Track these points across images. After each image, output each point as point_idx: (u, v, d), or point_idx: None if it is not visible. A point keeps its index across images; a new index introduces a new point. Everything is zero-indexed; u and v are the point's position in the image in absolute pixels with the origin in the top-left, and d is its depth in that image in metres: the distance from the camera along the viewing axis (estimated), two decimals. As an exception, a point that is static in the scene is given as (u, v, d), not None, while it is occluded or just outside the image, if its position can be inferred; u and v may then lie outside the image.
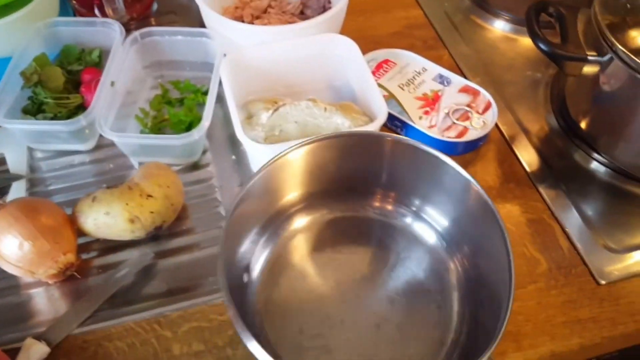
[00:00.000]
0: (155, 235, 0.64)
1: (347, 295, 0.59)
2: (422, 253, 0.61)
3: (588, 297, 0.60)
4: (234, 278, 0.53)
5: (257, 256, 0.60)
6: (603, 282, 0.61)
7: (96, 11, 0.85)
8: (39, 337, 0.56)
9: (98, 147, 0.73)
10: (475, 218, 0.56)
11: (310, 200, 0.63)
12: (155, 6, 0.89)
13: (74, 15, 0.87)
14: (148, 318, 0.59)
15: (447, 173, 0.56)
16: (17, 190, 0.68)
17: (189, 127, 0.72)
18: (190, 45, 0.77)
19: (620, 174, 0.70)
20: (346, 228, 0.63)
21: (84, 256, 0.64)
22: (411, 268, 0.60)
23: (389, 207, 0.63)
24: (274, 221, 0.62)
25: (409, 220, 0.63)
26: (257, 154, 0.66)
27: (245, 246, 0.59)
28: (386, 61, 0.78)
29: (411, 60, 0.78)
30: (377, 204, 0.64)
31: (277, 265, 0.61)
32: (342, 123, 0.66)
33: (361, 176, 0.61)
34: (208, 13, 0.74)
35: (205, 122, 0.66)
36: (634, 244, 0.65)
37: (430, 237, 0.62)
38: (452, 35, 0.86)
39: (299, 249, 0.62)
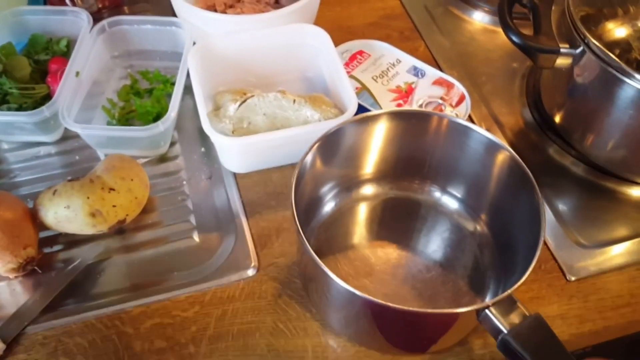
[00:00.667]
0: (120, 229, 0.63)
1: (390, 260, 0.60)
2: (451, 224, 0.62)
3: (557, 293, 0.60)
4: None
5: (323, 206, 0.63)
6: (573, 278, 0.60)
7: (67, 0, 0.83)
8: (-7, 333, 0.55)
9: (64, 138, 0.72)
10: (503, 183, 0.57)
11: (376, 175, 0.64)
12: (127, -6, 0.88)
13: (44, 3, 0.85)
14: (109, 314, 0.58)
15: (474, 140, 0.57)
16: (-20, 182, 0.67)
17: (157, 118, 0.70)
18: (160, 35, 0.76)
19: (595, 168, 0.69)
20: (398, 204, 0.64)
21: (47, 250, 0.63)
22: (443, 238, 0.62)
23: (426, 184, 0.64)
24: (345, 182, 0.64)
25: (438, 194, 0.64)
26: (224, 147, 0.65)
27: (316, 193, 0.61)
28: (360, 52, 0.77)
29: (386, 52, 0.77)
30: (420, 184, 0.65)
31: (338, 218, 0.63)
32: (312, 115, 0.64)
33: (412, 157, 0.62)
34: (177, 1, 0.72)
35: (172, 113, 0.65)
36: (605, 239, 0.64)
37: (456, 208, 0.63)
38: (429, 26, 0.85)
39: (359, 213, 0.64)
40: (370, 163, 0.63)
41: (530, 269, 0.46)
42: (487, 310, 0.45)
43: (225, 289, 0.59)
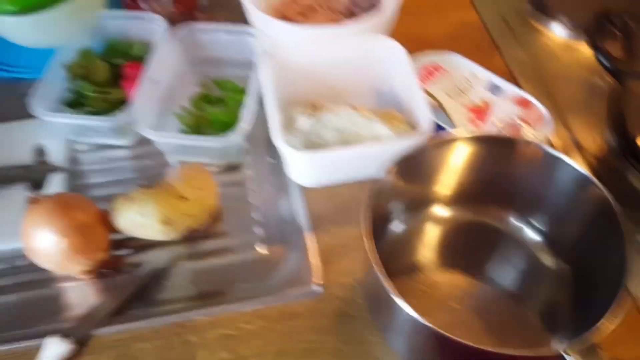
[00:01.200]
0: (189, 237, 0.64)
1: (459, 287, 0.58)
2: (529, 256, 0.60)
3: (635, 335, 0.56)
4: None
5: (391, 225, 0.61)
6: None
7: (143, 5, 0.84)
8: (64, 334, 0.56)
9: (138, 142, 0.73)
10: (589, 220, 0.54)
11: (452, 197, 0.63)
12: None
13: (121, 8, 0.87)
14: (175, 321, 0.58)
15: (563, 172, 0.55)
16: (56, 183, 0.69)
17: (228, 127, 0.71)
18: (233, 43, 0.76)
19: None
20: (472, 230, 0.63)
21: (119, 253, 0.64)
22: (518, 269, 0.60)
23: (505, 212, 0.62)
24: (417, 202, 0.63)
25: (517, 224, 0.62)
26: (295, 160, 0.64)
27: (386, 210, 0.60)
28: (435, 65, 0.75)
29: (461, 65, 0.75)
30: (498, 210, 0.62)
31: (407, 239, 0.62)
32: (383, 131, 0.63)
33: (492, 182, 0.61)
34: (251, 10, 0.72)
35: (244, 125, 0.65)
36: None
37: (536, 240, 0.61)
38: (507, 39, 0.82)
39: (430, 235, 0.63)
40: (446, 184, 0.61)
41: (616, 313, 0.44)
42: (565, 355, 0.43)
43: (289, 304, 0.59)
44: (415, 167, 0.57)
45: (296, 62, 0.71)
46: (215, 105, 0.75)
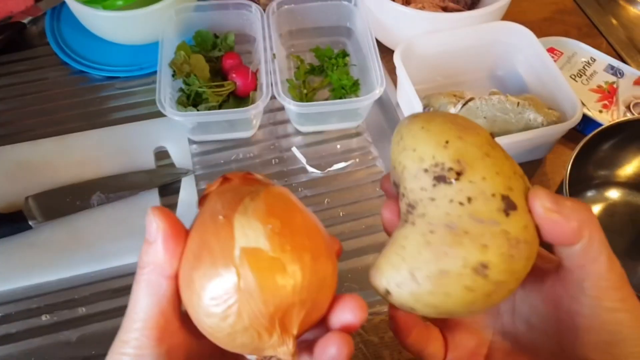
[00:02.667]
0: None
1: None
2: None
3: None
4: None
5: None
6: None
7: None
8: None
9: (256, 137, 0.71)
10: None
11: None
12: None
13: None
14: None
15: None
16: (188, 187, 0.65)
17: (351, 90, 0.73)
18: (322, 11, 0.76)
19: None
20: None
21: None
22: None
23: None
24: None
25: None
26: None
27: None
28: (551, 49, 0.75)
29: (577, 49, 0.75)
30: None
31: None
32: (535, 119, 0.63)
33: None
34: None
35: (380, 87, 0.65)
36: None
37: None
38: (606, 20, 0.83)
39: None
40: (624, 167, 0.62)
41: None
42: None
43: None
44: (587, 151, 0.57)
45: (423, 51, 0.69)
46: (317, 74, 0.76)
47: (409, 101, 0.65)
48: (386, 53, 0.73)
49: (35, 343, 0.55)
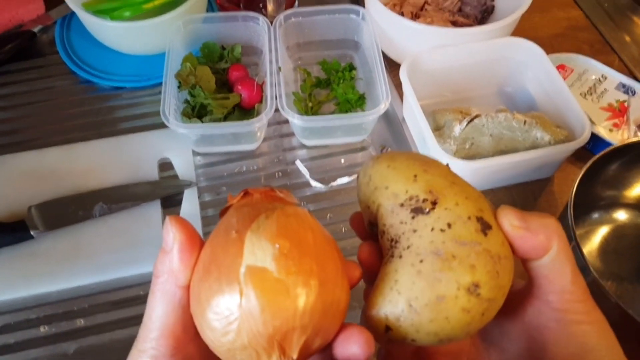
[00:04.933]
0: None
1: None
2: None
3: None
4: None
5: None
6: None
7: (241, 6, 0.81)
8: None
9: (260, 150, 0.71)
10: None
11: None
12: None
13: (218, 11, 0.83)
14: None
15: None
16: (191, 199, 0.65)
17: (356, 105, 0.72)
18: (330, 24, 0.75)
19: None
20: None
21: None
22: None
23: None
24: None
25: None
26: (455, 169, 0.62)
27: None
28: (562, 66, 0.74)
29: (589, 66, 0.74)
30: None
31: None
32: (542, 137, 0.62)
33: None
34: (380, 13, 0.70)
35: (386, 101, 0.64)
36: None
37: None
38: (619, 37, 0.81)
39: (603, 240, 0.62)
40: (633, 188, 0.61)
41: None
42: None
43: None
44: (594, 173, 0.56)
45: (429, 66, 0.69)
46: (323, 87, 0.76)
47: (414, 117, 0.64)
48: (395, 67, 0.72)
49: (33, 354, 0.55)
